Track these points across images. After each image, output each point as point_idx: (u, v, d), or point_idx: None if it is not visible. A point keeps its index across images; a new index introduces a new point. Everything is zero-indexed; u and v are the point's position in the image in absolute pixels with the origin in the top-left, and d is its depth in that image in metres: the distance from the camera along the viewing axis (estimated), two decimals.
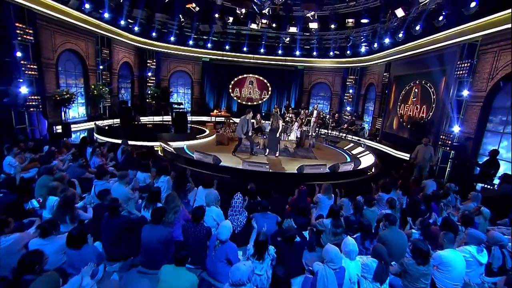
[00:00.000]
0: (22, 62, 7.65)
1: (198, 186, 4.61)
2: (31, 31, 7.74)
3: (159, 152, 8.04)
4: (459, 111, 7.66)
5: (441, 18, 7.72)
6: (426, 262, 2.73)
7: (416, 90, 10.39)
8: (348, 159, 8.92)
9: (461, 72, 7.48)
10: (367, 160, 8.61)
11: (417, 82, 10.28)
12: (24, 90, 7.79)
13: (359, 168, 7.68)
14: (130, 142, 7.61)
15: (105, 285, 2.63)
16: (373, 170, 7.96)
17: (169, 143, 8.31)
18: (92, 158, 5.99)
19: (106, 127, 9.80)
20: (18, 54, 7.59)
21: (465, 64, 7.36)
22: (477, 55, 7.27)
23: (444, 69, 8.66)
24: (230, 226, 3.06)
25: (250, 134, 8.26)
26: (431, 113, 9.34)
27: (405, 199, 5.34)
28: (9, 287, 2.22)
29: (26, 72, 7.77)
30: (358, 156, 9.30)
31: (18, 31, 7.43)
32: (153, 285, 2.72)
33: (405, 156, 9.54)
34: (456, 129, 7.72)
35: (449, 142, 7.76)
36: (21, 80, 7.65)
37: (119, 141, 7.09)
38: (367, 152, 9.49)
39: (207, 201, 3.82)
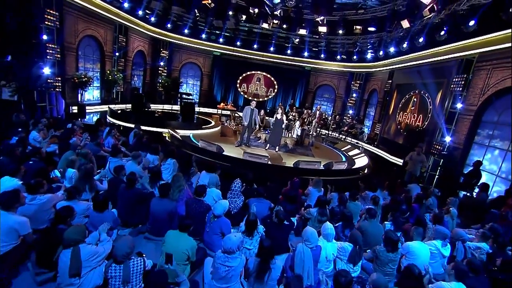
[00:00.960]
0: (47, 45, 8.26)
1: (201, 171, 5.15)
2: (57, 16, 8.32)
3: (167, 138, 8.63)
4: (452, 123, 8.11)
5: (442, 33, 8.14)
6: (395, 250, 3.18)
7: (415, 99, 10.82)
8: (344, 159, 9.44)
9: (457, 85, 7.92)
10: (361, 161, 9.12)
11: (417, 91, 10.71)
12: (46, 71, 8.40)
13: (352, 168, 8.19)
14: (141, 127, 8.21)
15: (122, 240, 3.19)
16: (365, 171, 8.47)
17: (176, 130, 8.89)
18: (107, 139, 6.60)
19: (119, 111, 10.40)
20: (44, 37, 8.19)
21: (461, 79, 7.80)
22: (473, 71, 7.71)
23: (442, 81, 9.08)
24: (225, 205, 3.51)
25: (253, 126, 8.51)
26: (426, 122, 9.78)
27: (389, 199, 5.85)
28: (47, 233, 2.76)
29: (50, 54, 8.37)
30: (353, 157, 9.80)
31: (46, 16, 8.02)
32: (158, 248, 3.22)
33: (398, 161, 10.03)
34: (447, 139, 8.19)
35: (439, 151, 8.24)
36: (42, 64, 8.24)
37: (130, 125, 7.70)
38: (362, 154, 9.99)
39: (209, 182, 4.36)
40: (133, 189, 3.79)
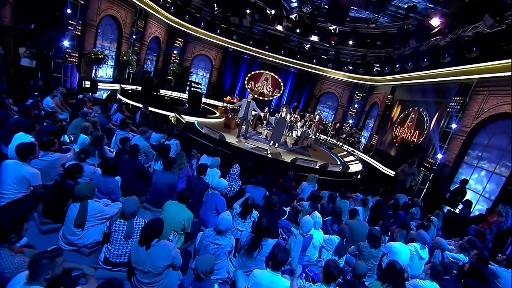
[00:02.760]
0: (70, 19, 8.62)
1: (202, 155, 5.51)
2: None
3: (173, 121, 8.99)
4: (445, 141, 8.50)
5: (446, 56, 8.55)
6: (378, 246, 3.44)
7: (413, 115, 11.22)
8: (339, 163, 9.82)
9: (454, 107, 8.33)
10: (355, 167, 9.51)
11: (416, 108, 11.12)
12: (66, 43, 8.77)
13: (346, 171, 8.57)
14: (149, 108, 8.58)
15: (131, 200, 3.23)
16: (358, 177, 8.85)
17: (182, 116, 9.26)
18: (116, 114, 6.96)
19: (130, 91, 10.76)
20: (68, 11, 8.56)
21: (459, 101, 8.20)
22: (470, 95, 8.11)
23: (441, 101, 9.49)
24: (224, 183, 3.81)
25: (249, 118, 8.75)
26: (421, 138, 10.18)
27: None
28: (55, 186, 2.93)
29: (71, 28, 8.74)
30: (348, 163, 10.19)
31: None
32: (155, 217, 3.37)
33: (390, 172, 10.43)
34: (439, 156, 8.58)
35: (430, 166, 8.63)
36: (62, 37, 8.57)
37: (138, 105, 8.04)
38: (357, 161, 10.37)
39: (211, 163, 4.68)
40: (136, 160, 4.03)
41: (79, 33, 9.12)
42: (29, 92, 6.58)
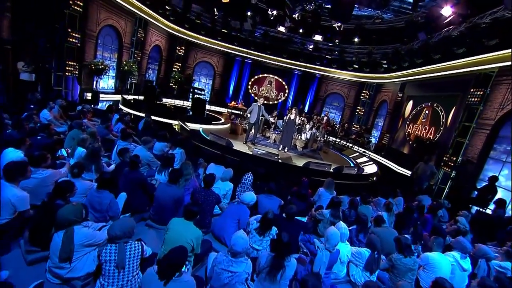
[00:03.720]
0: (68, 30, 8.44)
1: (210, 163, 5.10)
2: (81, 3, 8.53)
3: (177, 130, 8.66)
4: (465, 136, 7.96)
5: (461, 46, 8.07)
6: (410, 252, 2.99)
7: (427, 111, 10.70)
8: (352, 165, 9.33)
9: (473, 99, 7.81)
10: (370, 169, 8.99)
11: (429, 104, 10.60)
12: (66, 55, 8.58)
13: (361, 173, 8.07)
14: (153, 118, 8.29)
15: (119, 221, 2.79)
16: (374, 178, 8.33)
17: (186, 123, 8.93)
18: (118, 124, 6.65)
19: (132, 101, 10.52)
20: (66, 22, 8.39)
21: (479, 92, 7.68)
22: (491, 85, 7.59)
23: (457, 94, 8.98)
24: (254, 197, 3.40)
25: (259, 123, 8.41)
26: (438, 135, 9.63)
27: (402, 206, 5.70)
28: (43, 208, 2.52)
29: (70, 39, 8.56)
30: (361, 164, 9.68)
31: (71, 2, 8.23)
32: (159, 237, 2.98)
33: (406, 172, 9.88)
34: (460, 152, 8.03)
35: (451, 163, 8.07)
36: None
37: (141, 114, 7.76)
38: (371, 162, 9.86)
39: (223, 176, 4.21)
40: (136, 172, 3.67)
41: (79, 45, 8.94)
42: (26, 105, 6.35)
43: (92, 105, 9.45)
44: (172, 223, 2.70)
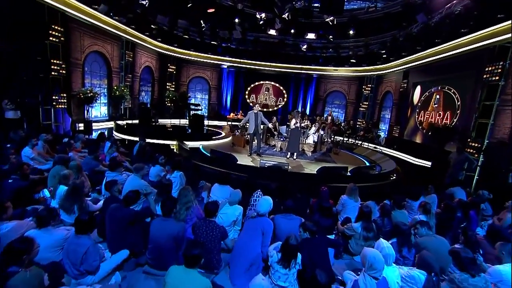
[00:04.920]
0: (52, 61, 8.07)
1: (213, 184, 4.48)
2: (62, 33, 8.19)
3: (175, 150, 8.09)
4: (489, 116, 7.25)
5: (467, 21, 7.50)
6: (477, 269, 2.34)
7: (437, 96, 10.05)
8: (367, 164, 8.62)
9: (491, 75, 7.16)
10: (388, 165, 8.27)
11: (439, 88, 9.96)
12: (51, 87, 8.18)
13: (380, 172, 7.36)
14: (148, 140, 7.77)
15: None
16: (394, 176, 7.61)
17: (185, 142, 8.37)
18: (114, 154, 6.09)
19: (125, 125, 10.04)
20: (49, 54, 8.02)
21: (496, 67, 7.03)
22: (510, 57, 6.93)
23: (470, 73, 8.34)
24: (271, 201, 2.84)
25: (260, 132, 7.89)
26: (455, 119, 8.94)
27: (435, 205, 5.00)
28: None
29: (55, 70, 8.17)
30: (377, 162, 8.97)
31: (51, 32, 7.88)
32: (160, 286, 2.33)
33: (426, 163, 9.17)
34: (485, 134, 7.30)
35: (478, 147, 7.33)
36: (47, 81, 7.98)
37: (136, 139, 7.24)
38: (387, 158, 9.15)
39: (230, 199, 3.55)
40: (126, 209, 3.05)
41: (64, 75, 8.56)
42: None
43: (85, 135, 9.03)
44: (170, 274, 2.12)
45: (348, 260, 3.70)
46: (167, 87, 15.17)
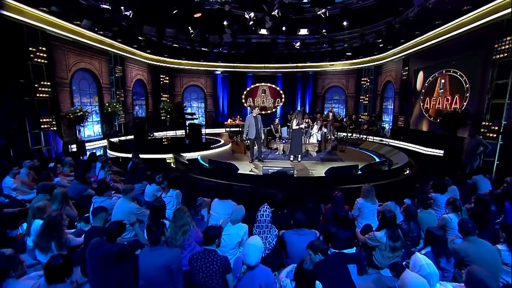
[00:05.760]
0: (36, 82, 7.70)
1: (213, 199, 3.98)
2: (44, 53, 7.82)
3: (172, 164, 7.63)
4: (504, 96, 6.73)
5: None
6: None
7: (442, 80, 9.56)
8: (377, 159, 8.11)
9: (501, 52, 6.66)
10: (399, 159, 7.75)
11: (443, 72, 9.47)
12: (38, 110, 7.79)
13: (393, 168, 6.84)
14: (143, 156, 7.35)
15: None
16: (408, 170, 7.08)
17: (181, 154, 7.91)
18: (100, 174, 5.67)
19: (118, 142, 9.63)
20: (32, 75, 7.64)
21: (507, 42, 6.52)
22: None
23: (477, 53, 7.86)
24: (261, 244, 2.32)
25: (261, 136, 7.52)
26: (465, 103, 8.43)
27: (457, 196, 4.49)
28: None
29: (41, 92, 7.79)
30: (387, 156, 8.45)
31: (32, 55, 7.52)
32: None
33: (437, 152, 8.66)
34: (502, 115, 6.77)
35: (495, 130, 6.80)
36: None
37: (131, 155, 6.81)
38: (396, 151, 8.63)
39: (232, 217, 3.09)
40: (110, 244, 2.56)
41: (51, 96, 8.17)
42: None
43: (81, 157, 8.62)
44: None
45: (374, 275, 3.21)
46: (162, 98, 14.80)
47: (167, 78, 15.05)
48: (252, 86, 16.65)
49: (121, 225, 2.71)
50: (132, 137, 11.03)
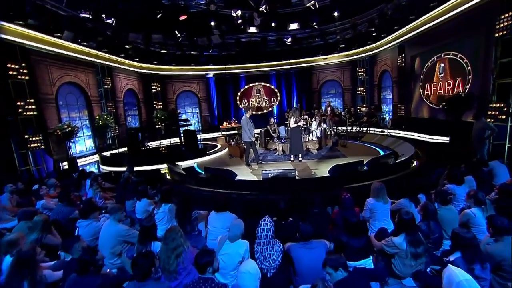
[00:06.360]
0: (18, 100, 7.32)
1: (210, 212, 3.62)
2: (25, 69, 7.46)
3: (167, 176, 7.24)
4: (509, 75, 6.38)
5: None
6: None
7: (442, 64, 9.21)
8: (381, 152, 7.74)
9: (504, 29, 6.30)
10: (405, 150, 7.39)
11: (442, 55, 9.13)
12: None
13: (400, 160, 6.47)
14: (138, 168, 7.00)
15: None
16: (415, 162, 6.70)
17: (177, 163, 7.53)
18: (89, 192, 5.30)
19: (109, 155, 9.26)
20: (13, 93, 7.27)
21: (509, 19, 6.16)
22: None
23: (476, 33, 7.52)
24: (256, 270, 2.04)
25: (251, 139, 7.17)
26: (468, 86, 8.08)
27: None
28: None
29: (24, 110, 7.43)
30: (391, 147, 8.09)
31: (11, 72, 7.15)
32: None
33: (442, 139, 8.31)
34: (509, 95, 6.39)
35: (504, 110, 6.42)
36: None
37: (124, 169, 6.45)
38: (400, 141, 8.27)
39: (230, 235, 2.71)
40: (90, 278, 2.23)
41: (36, 113, 7.80)
42: None
43: (74, 174, 8.24)
44: None
45: (396, 286, 2.83)
46: (155, 107, 14.44)
47: (159, 85, 14.71)
48: (246, 87, 16.30)
49: (93, 252, 2.35)
50: (126, 149, 10.68)
